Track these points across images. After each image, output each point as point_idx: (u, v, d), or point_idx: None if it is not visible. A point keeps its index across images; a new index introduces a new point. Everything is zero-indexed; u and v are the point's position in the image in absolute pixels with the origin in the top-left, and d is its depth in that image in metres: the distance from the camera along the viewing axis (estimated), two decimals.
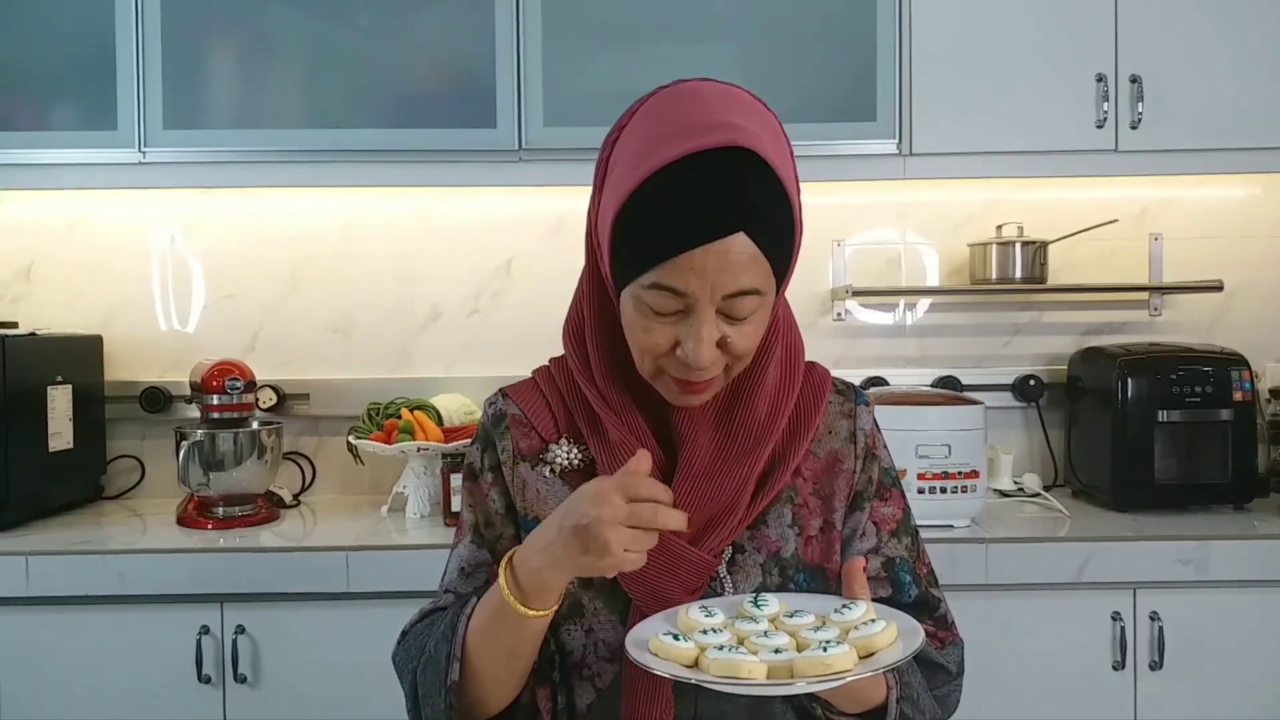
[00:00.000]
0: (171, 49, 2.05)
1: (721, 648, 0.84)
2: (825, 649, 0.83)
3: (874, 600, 0.94)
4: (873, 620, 0.88)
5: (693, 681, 0.83)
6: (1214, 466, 2.07)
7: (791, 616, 0.90)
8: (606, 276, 0.96)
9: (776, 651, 0.85)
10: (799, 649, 0.86)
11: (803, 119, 2.03)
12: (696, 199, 0.87)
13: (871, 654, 0.85)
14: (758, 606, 0.91)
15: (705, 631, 0.87)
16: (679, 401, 0.98)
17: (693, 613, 0.89)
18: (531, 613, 0.91)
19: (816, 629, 0.87)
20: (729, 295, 0.89)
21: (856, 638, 0.85)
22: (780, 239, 0.91)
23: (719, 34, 2.09)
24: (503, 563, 0.93)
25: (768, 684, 0.82)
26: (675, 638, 0.86)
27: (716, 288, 0.88)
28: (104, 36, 2.05)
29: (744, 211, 0.87)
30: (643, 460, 0.89)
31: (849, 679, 0.82)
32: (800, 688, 0.82)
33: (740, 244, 0.87)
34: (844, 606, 0.90)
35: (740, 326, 0.92)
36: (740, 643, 0.86)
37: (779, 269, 0.92)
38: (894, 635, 0.87)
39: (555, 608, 0.93)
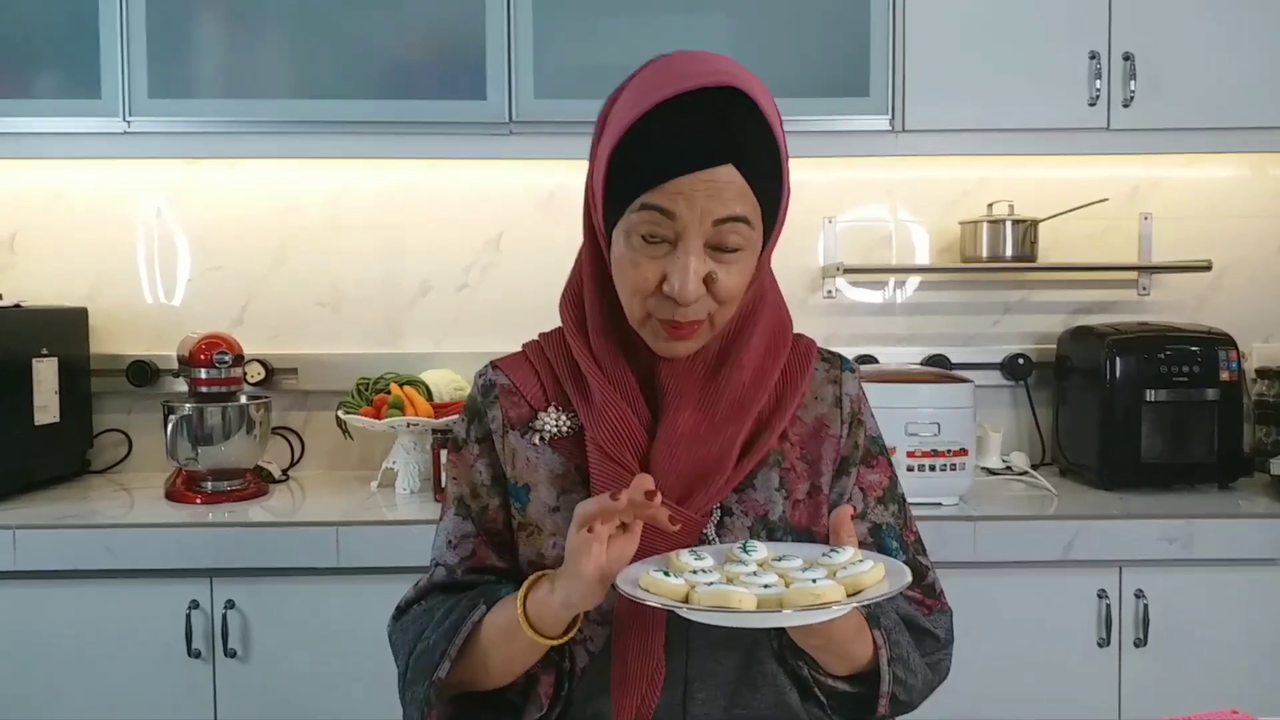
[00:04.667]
0: (156, 17, 2.02)
1: (711, 584, 0.85)
2: (814, 582, 0.83)
3: None
4: (860, 561, 0.88)
5: (682, 612, 0.84)
6: (1200, 446, 2.09)
7: (779, 560, 0.90)
8: (599, 226, 0.99)
9: (766, 587, 0.85)
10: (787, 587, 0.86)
11: (796, 94, 2.03)
12: (687, 132, 0.91)
13: (859, 592, 0.84)
14: (746, 552, 0.92)
15: (695, 572, 0.88)
16: (665, 350, 0.99)
17: (683, 557, 0.90)
18: (540, 639, 0.93)
19: (804, 570, 0.88)
20: (718, 221, 0.92)
21: (844, 576, 0.85)
22: (768, 179, 0.94)
23: (712, 6, 2.07)
24: (523, 587, 0.95)
25: (756, 613, 0.82)
26: (666, 574, 0.87)
27: (705, 213, 0.91)
28: (88, 3, 2.01)
29: (733, 145, 0.91)
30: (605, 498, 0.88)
31: (838, 611, 0.82)
32: (789, 617, 0.83)
33: (729, 174, 0.91)
34: (831, 551, 0.90)
35: (727, 265, 0.94)
36: (729, 582, 0.86)
37: (767, 212, 0.95)
38: (881, 574, 0.87)
39: (566, 637, 0.94)
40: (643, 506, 0.86)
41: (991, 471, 2.26)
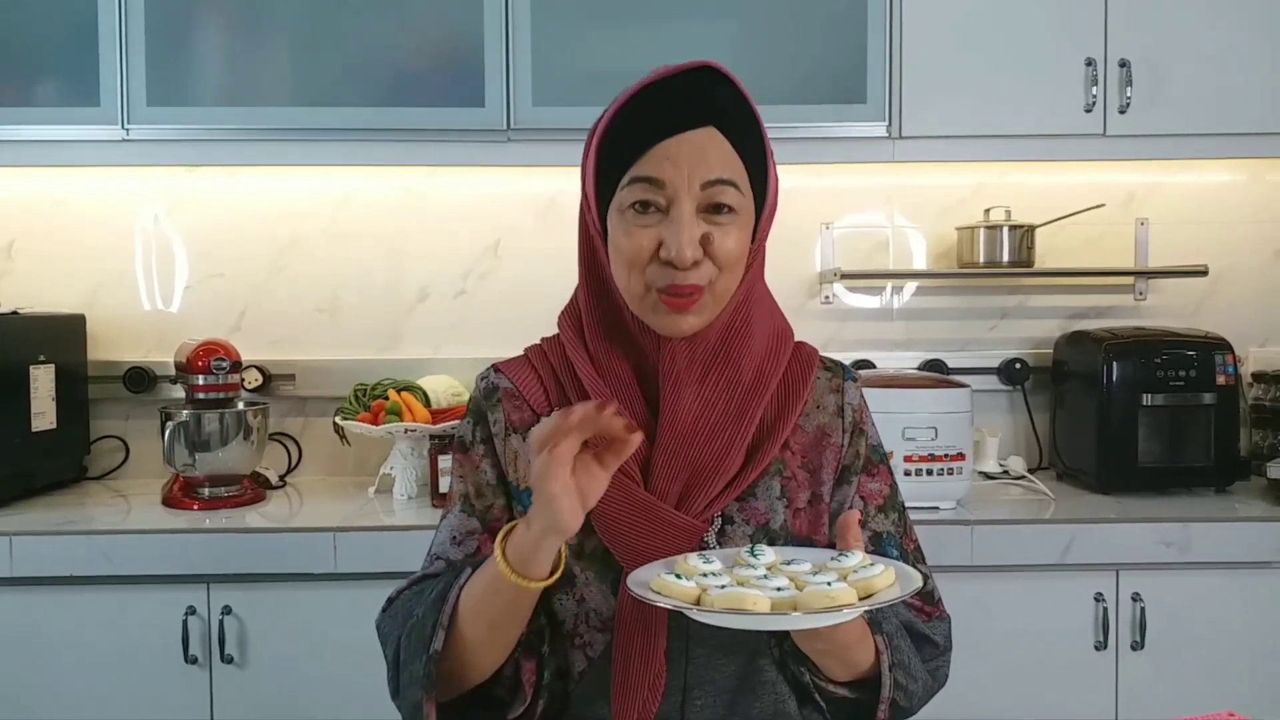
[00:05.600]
0: (156, 24, 2.03)
1: (723, 588, 0.84)
2: (829, 585, 0.83)
3: None
4: (870, 564, 0.88)
5: (694, 614, 0.83)
6: (1197, 450, 2.09)
7: (788, 564, 0.90)
8: (594, 222, 1.00)
9: (778, 590, 0.85)
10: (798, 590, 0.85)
11: (793, 100, 2.03)
12: (669, 102, 0.96)
13: (871, 595, 0.84)
14: (754, 555, 0.91)
15: (705, 575, 0.87)
16: (668, 326, 0.99)
17: (691, 560, 0.90)
18: (524, 581, 0.90)
19: (814, 574, 0.87)
20: (707, 184, 0.95)
21: (855, 580, 0.85)
22: (752, 148, 0.97)
23: (709, 14, 2.08)
24: (499, 535, 0.93)
25: (771, 615, 0.82)
26: (677, 577, 0.86)
27: (693, 175, 0.94)
28: (87, 11, 2.02)
29: (713, 109, 0.96)
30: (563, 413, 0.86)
31: (850, 614, 0.82)
32: (803, 620, 0.82)
33: (712, 136, 0.95)
34: (839, 555, 0.89)
35: (723, 228, 0.96)
36: (740, 585, 0.86)
37: (755, 180, 0.97)
38: (892, 578, 0.87)
39: (550, 579, 0.91)
40: (594, 420, 0.83)
41: (989, 476, 2.27)
